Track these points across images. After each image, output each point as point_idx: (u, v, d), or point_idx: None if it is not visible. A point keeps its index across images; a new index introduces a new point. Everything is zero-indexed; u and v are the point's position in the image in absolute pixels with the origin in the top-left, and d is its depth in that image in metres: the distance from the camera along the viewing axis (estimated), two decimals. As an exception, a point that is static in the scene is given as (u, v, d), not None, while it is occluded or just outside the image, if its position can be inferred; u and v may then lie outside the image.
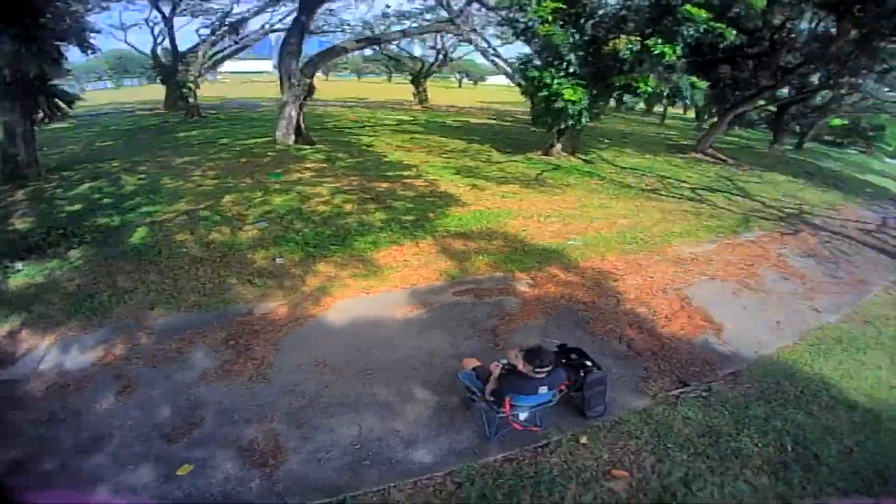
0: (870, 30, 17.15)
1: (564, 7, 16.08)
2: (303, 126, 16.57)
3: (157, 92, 32.72)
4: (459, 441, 4.45)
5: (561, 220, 11.21)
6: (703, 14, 14.54)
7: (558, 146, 19.00)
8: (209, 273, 7.37)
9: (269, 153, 15.14)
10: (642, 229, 11.09)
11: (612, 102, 19.61)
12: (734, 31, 15.24)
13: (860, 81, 21.02)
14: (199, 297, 6.73)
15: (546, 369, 4.08)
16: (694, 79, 16.26)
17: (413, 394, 5.02)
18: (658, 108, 47.21)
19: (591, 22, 17.18)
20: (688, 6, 14.45)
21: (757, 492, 4.05)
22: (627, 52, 15.14)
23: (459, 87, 70.93)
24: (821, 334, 7.02)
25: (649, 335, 6.50)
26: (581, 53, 16.42)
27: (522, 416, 4.33)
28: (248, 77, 63.61)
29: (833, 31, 18.86)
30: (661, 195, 14.82)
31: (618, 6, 16.86)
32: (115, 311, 6.32)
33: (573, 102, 15.98)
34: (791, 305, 7.98)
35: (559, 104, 16.07)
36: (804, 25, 20.33)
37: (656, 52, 14.92)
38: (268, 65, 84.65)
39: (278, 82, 16.24)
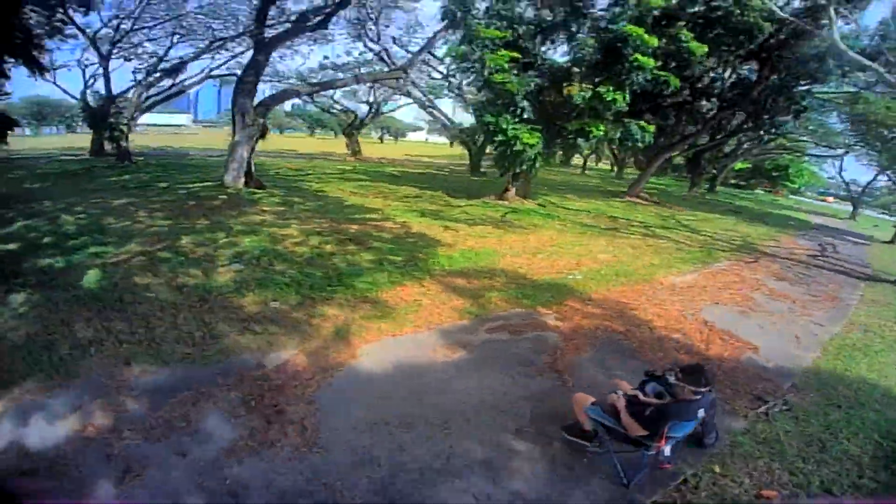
0: (787, 74, 19.15)
1: (519, 56, 16.54)
2: (253, 169, 15.30)
3: (80, 140, 30.16)
4: (595, 493, 3.67)
5: (547, 257, 10.94)
6: (652, 63, 15.43)
7: (512, 191, 19.15)
8: (191, 320, 6.04)
9: (220, 196, 13.69)
10: (625, 263, 11.16)
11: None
12: (678, 80, 16.34)
13: (787, 119, 23.15)
14: (188, 349, 5.40)
15: (705, 389, 3.51)
16: (643, 122, 17.10)
17: (510, 445, 4.12)
18: (575, 160, 50.25)
19: (542, 70, 17.82)
20: (638, 55, 15.27)
21: (888, 487, 4.14)
22: (581, 99, 15.65)
23: (381, 142, 71.68)
24: (837, 344, 7.55)
25: (701, 358, 6.36)
26: (533, 100, 16.81)
27: (667, 450, 3.68)
28: (167, 130, 60.92)
29: (753, 77, 20.77)
30: (622, 233, 15.10)
31: (569, 56, 17.46)
32: (81, 366, 4.86)
33: (531, 146, 16.17)
34: (795, 322, 8.50)
35: (518, 147, 16.18)
36: (725, 73, 22.21)
37: (609, 99, 15.55)
38: (187, 118, 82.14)
39: (200, 133, 15.14)
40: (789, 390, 5.77)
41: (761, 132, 27.26)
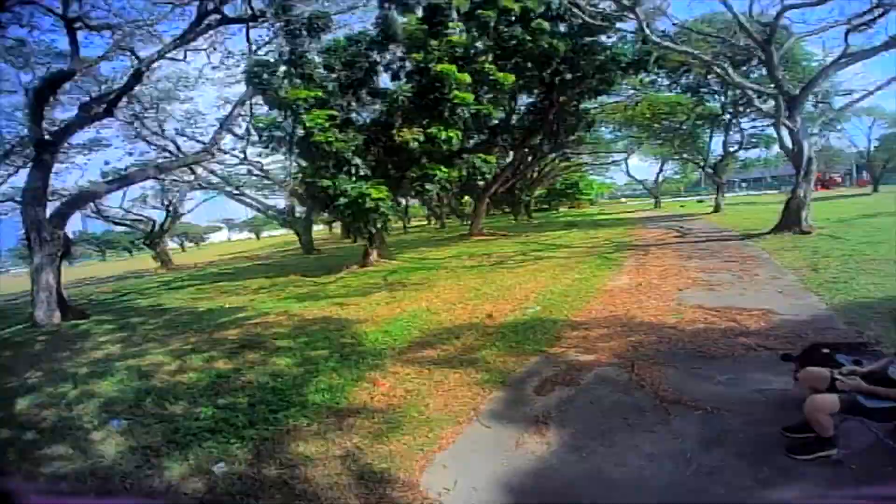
0: (574, 92, 21.10)
1: (336, 114, 15.37)
2: (66, 295, 11.17)
3: None
4: None
5: (479, 301, 9.51)
6: (470, 97, 15.56)
7: (374, 254, 17.50)
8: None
9: (37, 338, 9.72)
10: (555, 284, 10.47)
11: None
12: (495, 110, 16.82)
13: (581, 135, 25.44)
14: None
15: None
16: (482, 155, 17.09)
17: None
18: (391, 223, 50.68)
19: (363, 125, 16.93)
20: (457, 92, 15.27)
21: None
22: (416, 144, 14.99)
23: (183, 250, 63.30)
24: (815, 284, 8.01)
25: (757, 336, 5.81)
26: (363, 155, 15.70)
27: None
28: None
29: (544, 102, 22.43)
30: (512, 263, 14.41)
31: (388, 104, 16.77)
32: None
33: (382, 200, 14.85)
34: (757, 282, 8.76)
35: (368, 204, 14.70)
36: (521, 103, 23.79)
37: (443, 139, 15.16)
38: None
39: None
40: (849, 332, 5.57)
41: (563, 151, 30.15)
